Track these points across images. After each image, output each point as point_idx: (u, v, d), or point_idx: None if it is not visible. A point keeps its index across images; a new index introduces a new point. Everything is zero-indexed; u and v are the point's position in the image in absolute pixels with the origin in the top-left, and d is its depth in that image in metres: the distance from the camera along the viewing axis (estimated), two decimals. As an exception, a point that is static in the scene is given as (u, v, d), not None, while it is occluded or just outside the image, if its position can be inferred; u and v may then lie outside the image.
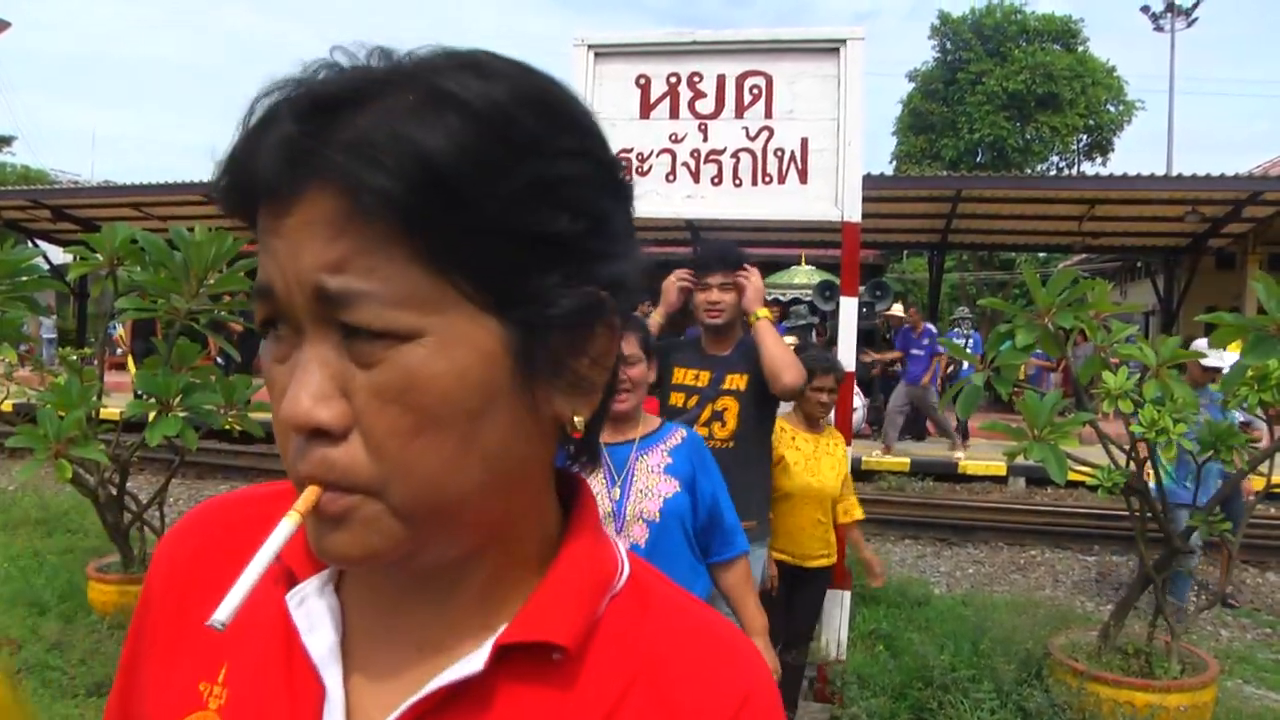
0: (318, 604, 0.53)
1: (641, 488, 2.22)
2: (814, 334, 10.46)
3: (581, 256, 0.48)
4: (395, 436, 0.45)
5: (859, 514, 3.71)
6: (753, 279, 3.03)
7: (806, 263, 13.01)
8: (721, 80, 4.10)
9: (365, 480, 0.45)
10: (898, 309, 11.51)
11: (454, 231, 0.43)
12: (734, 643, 0.56)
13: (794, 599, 3.47)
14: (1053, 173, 26.12)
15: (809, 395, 3.45)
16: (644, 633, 0.53)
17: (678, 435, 2.33)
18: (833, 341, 6.41)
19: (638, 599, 0.55)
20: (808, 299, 11.34)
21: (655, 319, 3.02)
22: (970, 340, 10.54)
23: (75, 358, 5.01)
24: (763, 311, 3.01)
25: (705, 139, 4.11)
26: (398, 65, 0.45)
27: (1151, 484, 3.82)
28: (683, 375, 3.04)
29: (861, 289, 9.16)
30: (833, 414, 3.71)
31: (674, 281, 3.06)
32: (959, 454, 10.21)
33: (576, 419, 0.51)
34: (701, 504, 2.28)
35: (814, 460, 3.48)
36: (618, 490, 2.22)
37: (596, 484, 2.20)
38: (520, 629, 0.50)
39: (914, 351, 10.38)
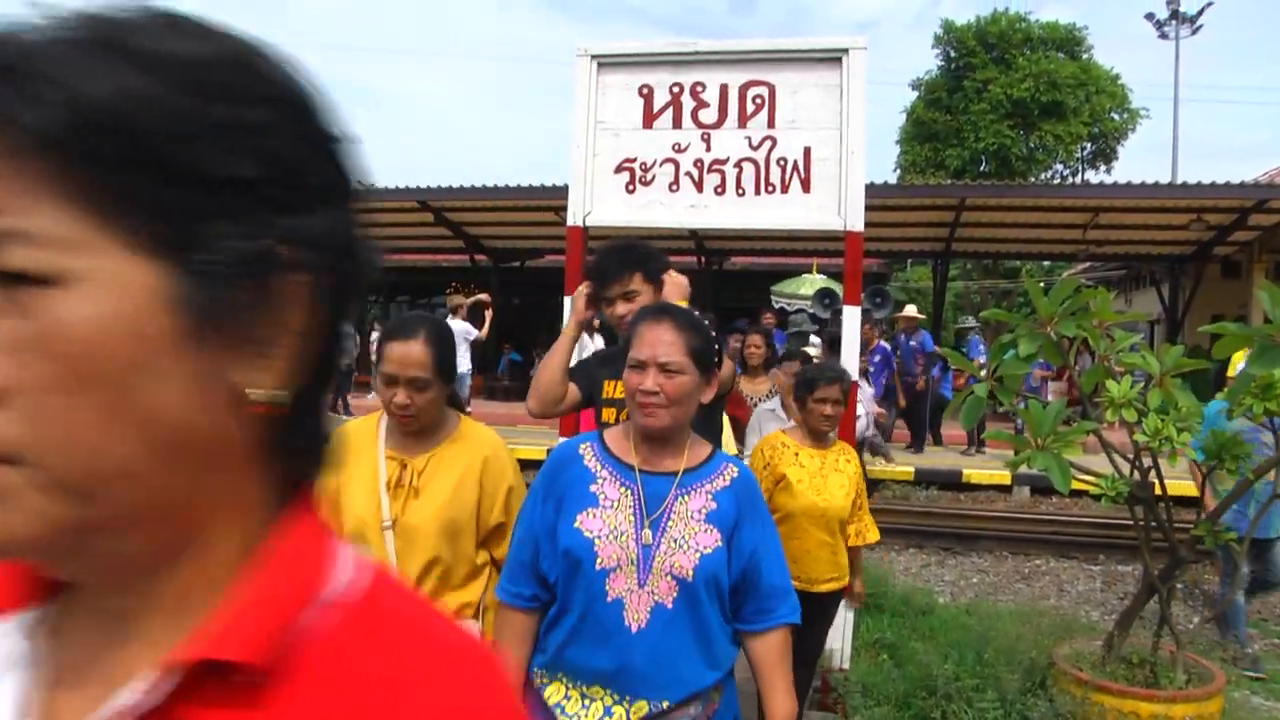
0: (1, 645, 0.48)
1: (677, 536, 1.84)
2: (813, 341, 10.46)
3: (260, 205, 0.44)
4: (36, 393, 0.40)
5: (872, 536, 3.49)
6: (672, 276, 2.83)
7: (818, 272, 13.00)
8: (724, 90, 4.12)
9: (6, 445, 0.40)
10: (911, 309, 11.51)
11: (113, 170, 0.41)
12: (478, 668, 0.50)
13: (803, 625, 3.27)
14: (1057, 181, 26.09)
15: (812, 407, 3.27)
16: (368, 657, 0.47)
17: (727, 473, 1.93)
18: (834, 350, 6.39)
19: (370, 618, 0.49)
20: (811, 309, 11.35)
21: (568, 332, 2.81)
22: (983, 347, 10.57)
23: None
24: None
25: (708, 149, 4.12)
26: (88, 20, 0.43)
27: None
28: (611, 389, 2.75)
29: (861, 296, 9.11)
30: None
31: (582, 291, 2.87)
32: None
33: (253, 391, 0.46)
34: (738, 557, 1.88)
35: (820, 478, 3.25)
36: (649, 532, 1.84)
37: (624, 520, 1.84)
38: (191, 646, 0.44)
39: None
